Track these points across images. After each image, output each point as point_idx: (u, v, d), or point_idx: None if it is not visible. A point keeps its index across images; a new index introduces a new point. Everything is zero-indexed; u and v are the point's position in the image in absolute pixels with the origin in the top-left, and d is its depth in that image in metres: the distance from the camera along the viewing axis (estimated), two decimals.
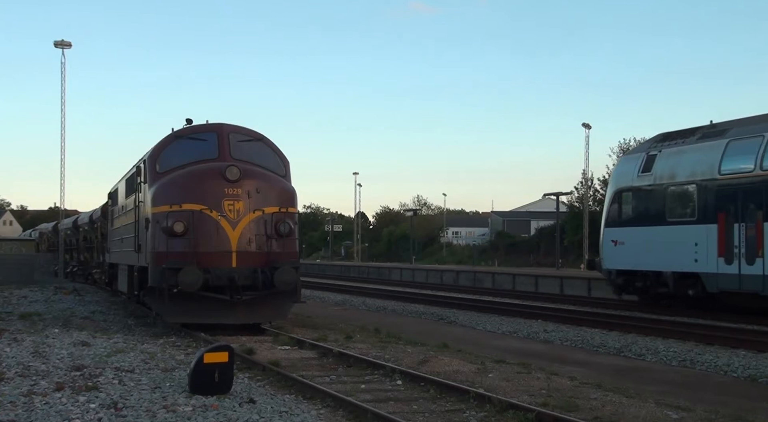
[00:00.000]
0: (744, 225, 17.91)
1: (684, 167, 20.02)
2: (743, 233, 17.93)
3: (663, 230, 20.38)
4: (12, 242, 45.48)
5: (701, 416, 8.30)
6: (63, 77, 39.15)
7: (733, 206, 18.34)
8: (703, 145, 19.69)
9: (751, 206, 17.78)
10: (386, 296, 27.88)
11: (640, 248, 21.17)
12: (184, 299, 14.05)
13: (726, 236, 18.44)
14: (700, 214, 19.33)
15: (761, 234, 17.22)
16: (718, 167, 18.85)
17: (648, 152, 21.67)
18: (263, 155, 15.85)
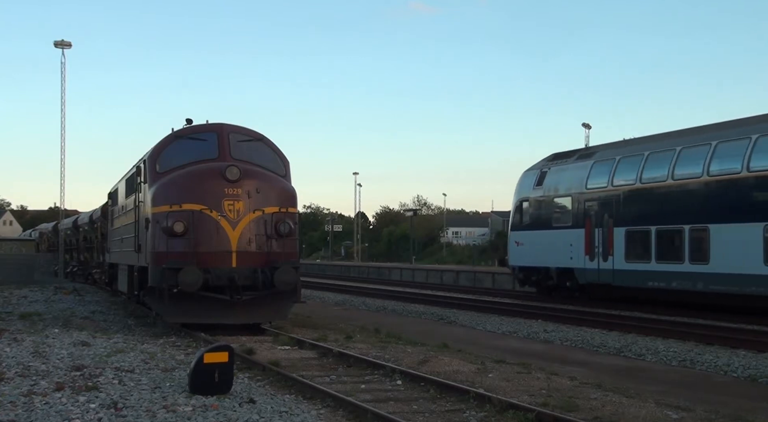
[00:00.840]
0: (601, 230, 22.70)
1: (564, 183, 24.81)
2: (600, 236, 22.70)
3: (549, 234, 25.05)
4: (12, 242, 45.46)
5: (701, 416, 8.30)
6: (63, 77, 39.17)
7: (594, 214, 23.11)
8: (577, 164, 24.47)
9: (606, 214, 22.56)
10: (386, 296, 27.87)
11: (535, 248, 25.71)
12: (184, 299, 14.04)
13: (590, 238, 23.15)
14: (574, 221, 24.00)
15: (611, 237, 22.29)
16: (586, 182, 23.74)
17: (541, 169, 26.32)
18: (263, 155, 15.84)
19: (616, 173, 22.66)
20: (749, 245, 17.95)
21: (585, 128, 49.94)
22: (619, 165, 22.69)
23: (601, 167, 23.36)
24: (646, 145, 22.36)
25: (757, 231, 17.69)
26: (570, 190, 24.47)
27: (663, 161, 20.94)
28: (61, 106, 39.63)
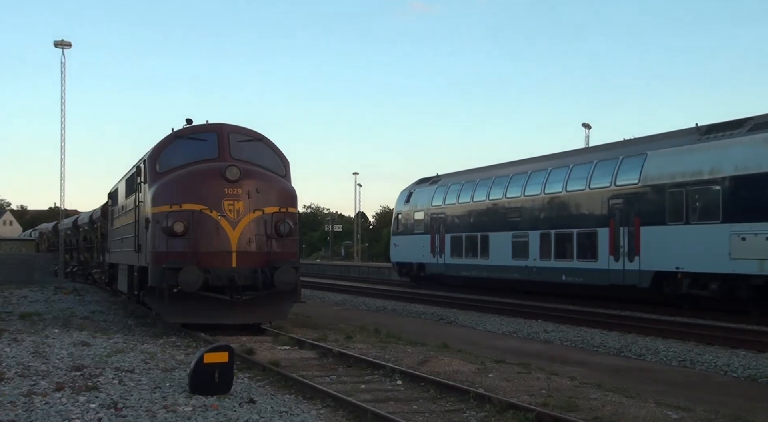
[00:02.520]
0: (438, 235, 31.72)
1: (421, 201, 33.82)
2: (438, 240, 31.77)
3: (412, 238, 34.00)
4: (12, 242, 45.49)
5: (701, 416, 8.30)
6: (63, 77, 39.21)
7: (435, 224, 32.16)
8: (429, 188, 33.56)
9: (441, 225, 31.64)
10: (386, 296, 27.87)
11: (405, 248, 34.78)
12: (184, 299, 14.04)
13: (433, 242, 32.21)
14: (425, 229, 32.95)
15: (444, 240, 31.29)
16: (431, 201, 32.78)
17: (410, 190, 35.32)
18: (263, 155, 15.84)
19: (447, 195, 31.72)
20: (506, 246, 27.19)
21: (585, 128, 50.00)
22: (449, 190, 31.70)
23: (440, 190, 32.39)
24: (467, 176, 31.44)
25: (509, 237, 27.09)
26: (423, 207, 33.40)
27: (469, 189, 30.23)
28: (61, 106, 39.71)
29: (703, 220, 19.41)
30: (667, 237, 20.41)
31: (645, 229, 21.11)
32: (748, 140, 18.58)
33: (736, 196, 18.65)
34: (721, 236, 18.74)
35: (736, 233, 18.41)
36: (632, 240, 21.51)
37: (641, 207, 21.36)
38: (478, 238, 28.78)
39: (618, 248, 22.02)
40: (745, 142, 18.61)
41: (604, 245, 22.58)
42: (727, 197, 18.79)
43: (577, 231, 23.82)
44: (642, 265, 21.08)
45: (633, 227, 21.55)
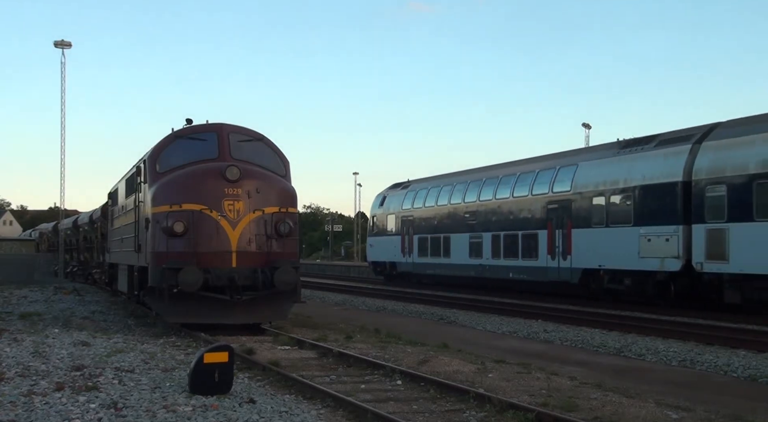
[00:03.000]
0: (405, 238, 35.09)
1: (393, 205, 37.02)
2: (408, 241, 34.86)
3: (386, 239, 37.13)
4: (12, 242, 45.50)
5: (701, 416, 8.30)
6: (63, 77, 39.23)
7: (405, 226, 35.27)
8: (400, 192, 36.82)
9: (409, 227, 34.68)
10: (386, 296, 27.85)
11: (379, 249, 38.00)
12: (184, 299, 14.04)
13: (402, 242, 35.35)
14: (396, 230, 36.06)
15: (412, 241, 34.35)
16: (402, 205, 35.93)
17: (384, 194, 38.62)
18: (263, 155, 15.84)
19: (415, 200, 34.89)
20: (464, 246, 30.06)
21: (585, 128, 50.03)
22: (417, 195, 34.94)
23: (410, 195, 35.59)
24: (433, 182, 34.70)
25: (466, 238, 29.95)
26: (395, 210, 36.59)
27: (434, 195, 33.31)
28: (61, 106, 39.73)
29: (619, 223, 22.27)
30: (592, 239, 23.25)
31: (575, 231, 23.91)
32: (652, 155, 21.64)
33: (643, 203, 21.48)
34: (632, 237, 21.57)
35: (644, 234, 21.24)
36: (565, 241, 24.30)
37: (573, 212, 24.12)
38: (441, 239, 31.94)
39: (554, 249, 24.82)
40: (651, 156, 21.67)
41: (543, 245, 25.36)
42: (637, 204, 21.66)
43: (522, 233, 26.64)
44: (573, 263, 23.95)
45: (566, 230, 24.31)
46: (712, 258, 19.08)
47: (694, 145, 20.32)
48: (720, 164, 19.20)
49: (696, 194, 19.70)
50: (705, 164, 19.62)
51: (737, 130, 19.45)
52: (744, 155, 18.61)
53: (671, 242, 20.34)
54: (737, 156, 18.82)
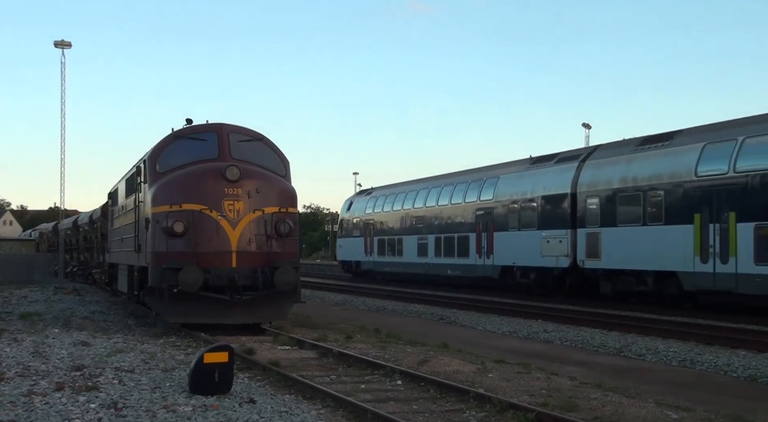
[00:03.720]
0: (367, 239, 39.21)
1: (358, 209, 41.08)
2: (369, 242, 38.98)
3: (352, 240, 41.21)
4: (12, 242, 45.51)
5: (701, 416, 8.29)
6: (63, 77, 39.23)
7: (367, 229, 39.36)
8: (364, 198, 41.20)
9: (371, 229, 38.81)
10: (386, 296, 27.84)
11: (347, 248, 42.15)
12: (184, 299, 14.04)
13: (365, 243, 39.36)
14: (360, 233, 40.06)
15: (373, 242, 38.53)
16: (365, 210, 39.94)
17: (351, 200, 43.33)
18: (263, 155, 15.83)
19: (376, 205, 38.76)
20: (413, 247, 34.28)
21: (585, 128, 50.05)
22: (377, 201, 38.99)
23: (371, 201, 39.70)
24: (391, 189, 38.70)
25: (415, 239, 34.09)
26: (359, 214, 40.66)
27: (391, 201, 37.46)
28: (61, 106, 39.74)
29: (527, 228, 26.34)
30: (508, 240, 27.39)
31: (497, 234, 28.11)
32: (552, 170, 25.86)
33: (544, 210, 25.66)
34: (537, 239, 25.66)
35: (544, 237, 25.30)
36: (489, 242, 28.61)
37: (495, 218, 28.26)
38: (395, 240, 36.29)
39: (481, 249, 29.10)
40: (551, 171, 25.90)
41: (473, 246, 29.60)
42: (540, 211, 25.83)
43: (457, 236, 30.82)
44: (495, 261, 28.26)
45: (489, 233, 28.59)
46: (590, 257, 23.35)
47: (580, 163, 24.38)
48: (595, 180, 23.43)
49: (579, 204, 23.87)
50: (585, 179, 23.88)
51: (609, 151, 23.71)
52: (610, 173, 22.87)
53: (563, 243, 24.47)
54: (606, 174, 23.05)
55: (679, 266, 19.93)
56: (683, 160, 20.20)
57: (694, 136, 20.50)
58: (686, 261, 19.65)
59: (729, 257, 18.43)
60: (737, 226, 18.29)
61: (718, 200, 18.86)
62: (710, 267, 18.97)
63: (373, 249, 38.52)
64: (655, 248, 20.71)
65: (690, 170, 19.84)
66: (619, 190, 22.22)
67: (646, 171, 21.40)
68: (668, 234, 20.33)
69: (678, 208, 20.11)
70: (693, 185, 19.68)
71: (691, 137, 20.62)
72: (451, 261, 31.00)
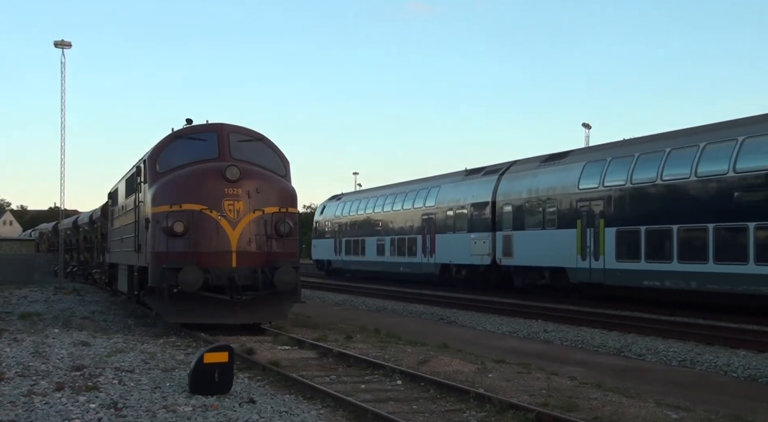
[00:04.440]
0: (337, 240, 43.29)
1: (329, 213, 45.56)
2: (339, 243, 43.14)
3: (324, 241, 45.60)
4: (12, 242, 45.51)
5: (701, 416, 8.29)
6: (63, 77, 39.25)
7: (338, 231, 43.44)
8: (335, 203, 45.40)
9: (340, 231, 43.04)
10: (386, 297, 27.84)
11: (320, 249, 46.67)
12: (184, 299, 14.04)
13: (335, 243, 43.64)
14: (331, 234, 44.39)
15: (341, 243, 42.69)
16: (335, 214, 44.32)
17: (324, 204, 47.57)
18: (263, 155, 15.83)
19: (344, 209, 43.14)
20: (373, 247, 38.51)
21: (585, 128, 50.06)
22: (345, 205, 43.22)
23: (341, 205, 43.94)
24: (357, 195, 43.91)
25: (375, 240, 38.44)
26: (331, 217, 45.13)
27: (356, 205, 41.61)
28: (61, 106, 39.75)
29: (460, 231, 30.74)
30: (446, 241, 31.81)
31: (438, 236, 32.48)
32: (479, 181, 30.33)
33: (472, 216, 30.03)
34: (467, 240, 30.11)
35: (473, 239, 29.69)
36: (432, 243, 32.93)
37: (436, 222, 32.65)
38: (360, 241, 40.42)
39: (426, 249, 33.46)
40: (478, 182, 30.35)
41: (419, 246, 34.06)
42: (470, 216, 30.25)
43: (407, 237, 35.25)
44: (436, 260, 32.60)
45: (432, 235, 32.98)
46: (505, 255, 27.65)
47: (499, 176, 28.78)
48: (509, 191, 27.81)
49: (498, 211, 28.27)
50: (503, 190, 28.31)
51: (521, 167, 27.97)
52: (521, 185, 27.24)
53: (486, 244, 28.75)
54: (518, 185, 27.38)
55: (566, 263, 24.24)
56: (570, 176, 24.46)
57: (580, 155, 24.95)
58: (571, 259, 23.98)
59: (600, 255, 22.75)
60: (605, 230, 22.55)
61: (592, 209, 23.19)
62: (587, 264, 23.26)
63: (341, 249, 42.80)
64: (550, 248, 24.94)
65: (574, 184, 24.17)
66: (526, 199, 26.67)
67: (546, 184, 25.74)
68: (559, 237, 24.55)
69: (566, 215, 24.37)
70: (576, 197, 23.98)
71: (577, 156, 25.03)
72: (403, 260, 35.68)
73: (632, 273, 21.35)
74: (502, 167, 29.20)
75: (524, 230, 26.46)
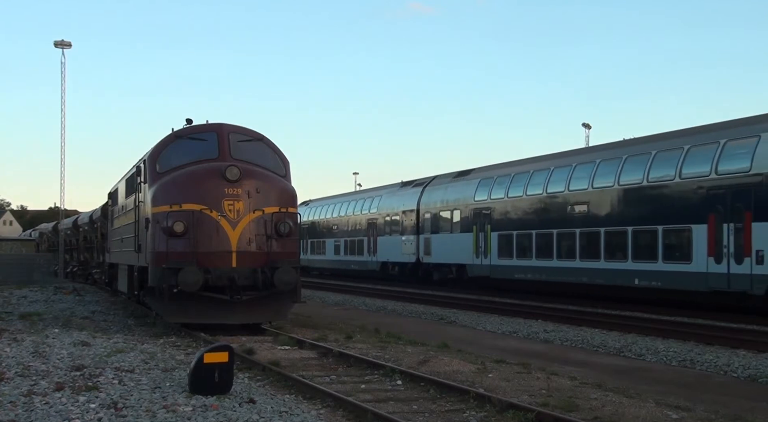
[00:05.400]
0: (305, 240, 46.62)
1: (312, 215, 47.97)
2: (305, 243, 46.85)
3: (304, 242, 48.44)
4: (12, 242, 45.54)
5: (701, 416, 8.29)
6: (63, 77, 39.25)
7: (304, 234, 45.15)
8: (304, 208, 47.66)
9: (306, 233, 45.92)
10: (386, 296, 27.84)
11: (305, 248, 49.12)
12: (184, 299, 14.04)
13: (303, 244, 44.31)
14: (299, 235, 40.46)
15: (307, 244, 47.21)
16: (305, 218, 45.56)
17: (306, 204, 49.82)
18: (263, 155, 15.83)
19: (310, 214, 47.77)
20: (332, 247, 43.83)
21: (585, 128, 50.04)
22: (312, 210, 48.34)
23: (309, 210, 48.45)
24: (321, 202, 48.75)
25: (333, 242, 43.78)
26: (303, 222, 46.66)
27: (319, 211, 47.10)
28: (61, 106, 39.75)
29: (395, 233, 36.65)
30: (385, 243, 37.57)
31: (379, 238, 37.99)
32: (409, 192, 36.14)
33: (403, 221, 35.82)
34: (399, 242, 36.04)
35: (403, 240, 35.49)
36: (374, 244, 38.54)
37: (377, 226, 38.44)
38: (321, 242, 46.24)
39: (370, 249, 38.94)
40: (408, 193, 36.09)
41: (365, 247, 39.55)
42: (402, 222, 35.95)
43: (356, 239, 40.75)
44: (378, 258, 38.10)
45: (374, 237, 38.54)
46: (426, 254, 33.46)
47: (423, 188, 34.66)
48: (428, 201, 33.86)
49: (421, 217, 34.11)
50: (424, 200, 34.19)
51: (439, 181, 33.96)
52: (437, 196, 33.19)
53: (413, 244, 34.51)
54: (434, 196, 33.39)
55: (466, 260, 30.01)
56: (469, 190, 30.40)
57: (478, 173, 30.62)
58: (469, 257, 29.74)
59: (488, 254, 28.41)
60: (491, 234, 28.28)
61: (483, 217, 28.93)
62: (479, 261, 29.09)
63: (307, 249, 47.61)
64: (455, 248, 30.80)
65: (472, 196, 30.04)
66: (440, 208, 32.55)
67: (453, 196, 31.65)
68: (461, 239, 30.50)
69: (466, 222, 30.29)
70: (473, 207, 29.83)
71: (476, 174, 30.73)
72: (354, 258, 41.24)
73: (508, 268, 27.30)
74: (426, 181, 35.15)
75: (439, 233, 32.61)
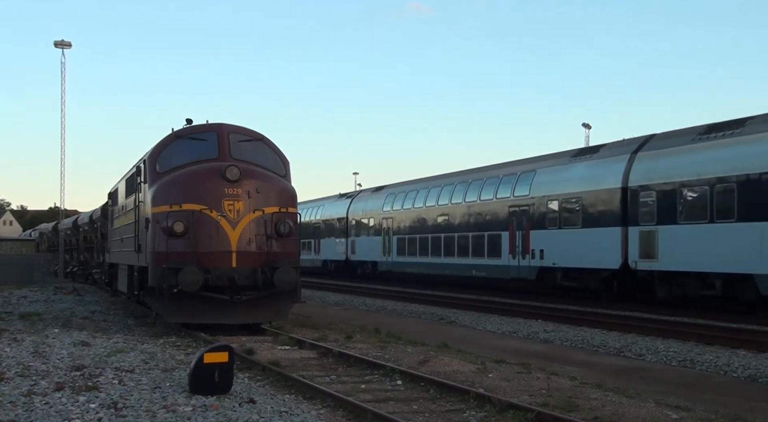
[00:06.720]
0: None
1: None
2: None
3: None
4: (12, 242, 45.55)
5: (701, 416, 8.29)
6: (63, 77, 39.25)
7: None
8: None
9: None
10: (386, 296, 27.84)
11: None
12: (184, 299, 14.04)
13: None
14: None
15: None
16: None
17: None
18: (263, 155, 15.83)
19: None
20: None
21: (585, 128, 50.05)
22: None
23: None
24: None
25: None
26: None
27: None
28: (61, 106, 39.76)
29: (332, 236, 43.52)
30: (328, 244, 44.63)
31: (357, 239, 40.92)
32: (343, 202, 43.15)
33: (336, 226, 42.86)
34: (335, 243, 43.07)
35: (337, 242, 42.64)
36: (318, 245, 46.20)
37: (321, 229, 45.40)
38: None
39: (347, 249, 42.10)
40: (342, 202, 43.28)
41: (312, 247, 46.69)
42: (336, 226, 42.95)
43: (307, 240, 46.00)
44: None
45: (318, 239, 46.11)
46: (352, 253, 40.98)
47: (351, 199, 42.29)
48: (354, 210, 40.58)
49: (349, 223, 41.12)
50: (352, 209, 41.23)
51: (363, 194, 41.80)
52: (359, 207, 40.04)
53: (344, 245, 41.73)
54: (358, 207, 40.19)
55: (377, 258, 37.48)
56: (380, 202, 37.96)
57: (387, 189, 38.49)
58: (380, 255, 37.21)
59: (391, 253, 36.14)
60: (393, 237, 35.96)
61: (388, 224, 36.55)
62: (386, 258, 36.68)
63: None
64: (370, 249, 38.37)
65: (381, 207, 37.70)
66: (362, 216, 39.91)
67: (370, 207, 39.09)
68: (375, 241, 37.92)
69: (377, 227, 37.74)
70: (381, 216, 37.49)
71: (386, 190, 38.56)
72: (307, 257, 45.70)
73: (403, 264, 34.96)
74: (354, 194, 43.68)
75: (361, 236, 39.99)
